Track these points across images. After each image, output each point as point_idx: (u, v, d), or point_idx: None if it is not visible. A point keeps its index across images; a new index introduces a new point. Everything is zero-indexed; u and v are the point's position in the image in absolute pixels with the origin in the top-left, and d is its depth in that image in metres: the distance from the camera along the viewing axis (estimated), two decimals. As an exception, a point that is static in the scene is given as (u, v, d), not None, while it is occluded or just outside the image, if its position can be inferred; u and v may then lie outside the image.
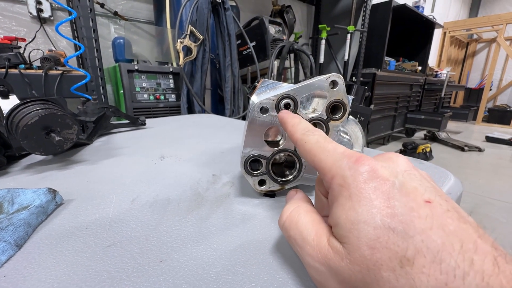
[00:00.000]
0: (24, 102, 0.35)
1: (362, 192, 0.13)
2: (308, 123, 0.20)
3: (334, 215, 0.14)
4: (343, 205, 0.13)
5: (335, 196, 0.14)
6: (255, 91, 0.27)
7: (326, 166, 0.15)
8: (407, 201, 0.12)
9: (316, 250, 0.14)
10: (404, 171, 0.14)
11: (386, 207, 0.12)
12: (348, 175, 0.14)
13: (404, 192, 0.13)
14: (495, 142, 3.11)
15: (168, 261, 0.18)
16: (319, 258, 0.14)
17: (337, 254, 0.13)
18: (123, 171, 0.35)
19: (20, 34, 1.40)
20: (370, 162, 0.14)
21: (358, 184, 0.13)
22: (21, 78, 0.95)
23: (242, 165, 0.25)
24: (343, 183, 0.14)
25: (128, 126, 0.63)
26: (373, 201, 0.13)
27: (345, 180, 0.14)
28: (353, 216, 0.13)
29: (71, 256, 0.18)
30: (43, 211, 0.23)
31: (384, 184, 0.13)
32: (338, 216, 0.13)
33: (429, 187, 0.13)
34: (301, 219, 0.16)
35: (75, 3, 1.01)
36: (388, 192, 0.13)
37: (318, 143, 0.17)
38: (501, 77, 5.13)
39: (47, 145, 0.34)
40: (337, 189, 0.14)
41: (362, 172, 0.14)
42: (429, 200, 0.12)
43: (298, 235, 0.15)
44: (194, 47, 1.25)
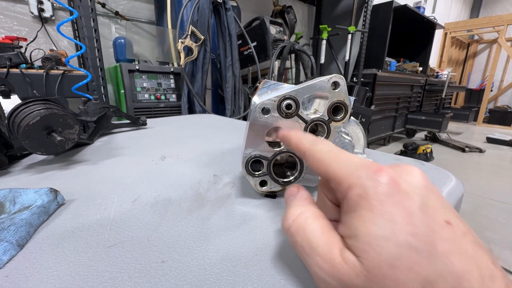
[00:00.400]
0: (26, 102, 0.35)
1: (384, 206, 0.12)
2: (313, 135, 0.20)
3: (352, 226, 0.13)
4: (363, 217, 0.13)
5: (353, 206, 0.13)
6: (256, 91, 0.27)
7: (342, 176, 0.14)
8: (429, 220, 0.12)
9: (327, 262, 0.13)
10: (424, 187, 0.13)
11: (408, 224, 0.12)
12: (368, 185, 0.13)
13: (425, 211, 0.12)
14: (496, 143, 3.10)
15: (170, 261, 0.18)
16: (329, 271, 0.13)
17: (352, 269, 0.12)
18: (124, 171, 0.35)
19: (21, 33, 1.41)
20: (390, 173, 0.13)
21: (379, 196, 0.13)
22: (22, 78, 0.95)
23: (243, 166, 0.25)
24: (363, 193, 0.13)
25: (129, 126, 0.63)
26: (395, 217, 0.12)
27: (365, 191, 0.13)
28: (374, 230, 0.12)
29: (72, 256, 0.18)
30: (44, 211, 0.23)
31: (407, 199, 0.12)
32: (357, 228, 0.13)
33: (447, 206, 0.13)
34: (309, 225, 0.15)
35: (77, 3, 1.02)
36: (410, 209, 0.12)
37: (331, 152, 0.16)
38: (502, 78, 5.12)
39: (48, 145, 0.34)
40: (355, 199, 0.13)
41: (383, 184, 0.13)
42: (449, 222, 0.12)
43: (306, 243, 0.14)
44: (195, 47, 1.25)
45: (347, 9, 2.42)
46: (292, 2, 2.60)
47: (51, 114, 0.34)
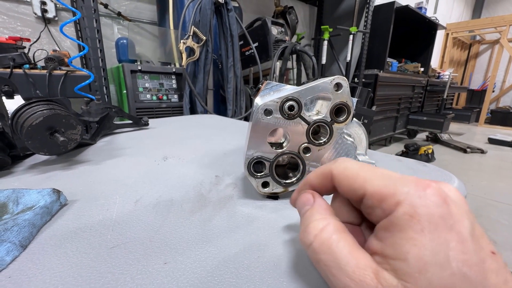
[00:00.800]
0: (29, 102, 0.35)
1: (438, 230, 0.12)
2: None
3: (400, 249, 0.12)
4: (414, 239, 0.12)
5: (400, 226, 0.12)
6: (259, 93, 0.27)
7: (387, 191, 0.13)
8: (479, 249, 0.12)
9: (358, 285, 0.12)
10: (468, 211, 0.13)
11: (462, 252, 0.11)
12: (420, 204, 0.12)
13: (475, 239, 0.12)
14: (498, 144, 3.09)
15: (172, 263, 0.18)
16: None
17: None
18: (126, 171, 0.35)
19: (24, 34, 1.41)
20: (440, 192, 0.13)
21: (432, 218, 0.12)
22: (26, 78, 0.96)
23: (245, 167, 0.25)
24: (414, 213, 0.12)
25: (131, 126, 0.63)
26: (450, 243, 0.11)
27: (416, 210, 0.12)
28: (427, 256, 0.11)
29: (75, 257, 0.18)
30: (47, 211, 0.23)
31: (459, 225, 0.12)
32: (407, 251, 0.12)
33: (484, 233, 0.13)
34: (335, 242, 0.14)
35: (79, 3, 1.02)
36: (463, 235, 0.12)
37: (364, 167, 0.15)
38: (504, 79, 5.09)
39: (51, 145, 0.35)
40: (404, 218, 0.12)
41: (436, 204, 0.12)
42: (494, 251, 0.12)
43: (333, 262, 0.13)
44: (196, 47, 1.25)
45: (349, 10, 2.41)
46: (294, 3, 2.60)
47: (54, 114, 0.34)
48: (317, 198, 0.17)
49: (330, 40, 2.16)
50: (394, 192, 0.13)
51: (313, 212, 0.16)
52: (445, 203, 0.12)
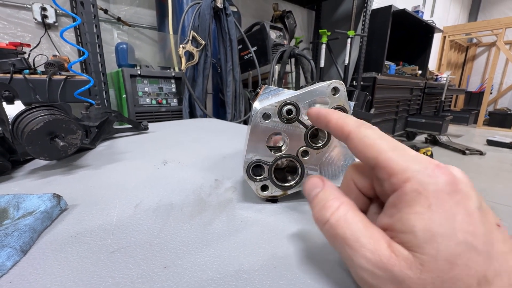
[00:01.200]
0: (30, 108, 0.36)
1: (445, 205, 0.12)
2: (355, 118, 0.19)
3: (407, 222, 0.13)
4: (421, 213, 0.13)
5: (408, 201, 0.13)
6: (257, 97, 0.27)
7: (397, 167, 0.14)
8: (486, 222, 0.12)
9: (375, 254, 0.13)
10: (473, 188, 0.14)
11: (468, 224, 0.12)
12: (428, 182, 0.13)
13: (482, 212, 0.13)
14: (496, 145, 3.10)
15: (172, 267, 0.18)
16: (377, 262, 0.13)
17: (404, 262, 0.12)
18: (126, 176, 0.35)
19: (25, 39, 1.42)
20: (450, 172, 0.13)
21: (440, 194, 0.13)
22: (26, 83, 0.96)
23: (244, 171, 0.26)
24: (422, 190, 0.13)
25: (131, 130, 0.63)
26: (456, 216, 0.12)
27: (424, 187, 0.13)
28: (433, 228, 0.12)
29: (75, 262, 0.18)
30: (48, 216, 0.23)
31: (467, 200, 0.13)
32: (413, 224, 0.13)
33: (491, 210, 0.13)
34: (351, 218, 0.15)
35: (79, 9, 1.03)
36: (470, 209, 0.12)
37: (383, 139, 0.15)
38: (501, 81, 5.13)
39: (51, 150, 0.35)
40: (412, 194, 0.13)
41: (445, 183, 0.13)
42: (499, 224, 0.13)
43: (350, 235, 0.14)
44: (196, 52, 1.26)
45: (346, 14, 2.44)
46: (292, 7, 2.63)
47: (55, 120, 0.34)
48: (326, 181, 0.18)
49: (328, 43, 2.18)
50: (405, 168, 0.14)
51: (326, 193, 0.17)
52: (453, 182, 0.13)
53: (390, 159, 0.14)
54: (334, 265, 0.18)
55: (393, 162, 0.14)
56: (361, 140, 0.16)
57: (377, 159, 0.15)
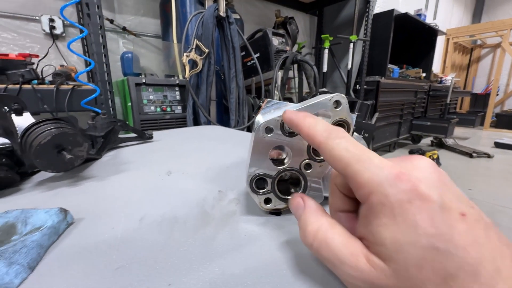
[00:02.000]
0: (38, 121, 0.37)
1: (407, 213, 0.13)
2: (325, 121, 0.19)
3: (377, 234, 0.14)
4: (387, 225, 0.13)
5: (375, 213, 0.14)
6: (260, 110, 0.27)
7: (362, 180, 0.15)
8: (447, 218, 0.13)
9: (357, 271, 0.14)
10: (437, 181, 0.14)
11: (430, 226, 0.13)
12: (390, 193, 0.14)
13: (444, 209, 0.13)
14: (505, 148, 3.04)
15: (176, 284, 0.18)
16: (360, 277, 0.14)
17: (381, 273, 0.13)
18: (131, 187, 0.36)
19: (33, 50, 1.47)
20: (411, 178, 0.14)
21: (402, 204, 0.13)
22: (34, 93, 0.99)
23: (247, 184, 0.26)
24: (386, 201, 0.14)
25: (136, 139, 0.64)
26: (419, 222, 0.13)
27: (387, 199, 0.14)
28: (400, 238, 0.13)
29: (80, 279, 0.18)
30: (55, 231, 0.24)
31: (427, 204, 0.13)
32: (383, 236, 0.14)
33: (460, 196, 0.14)
34: (330, 238, 0.16)
35: (86, 20, 1.06)
36: (431, 211, 0.13)
37: (349, 151, 0.16)
38: (508, 82, 5.06)
39: (58, 163, 0.35)
40: (377, 207, 0.14)
41: (405, 191, 0.13)
42: (463, 213, 0.13)
43: (333, 257, 0.15)
44: (199, 60, 1.28)
45: (348, 19, 2.45)
46: (294, 13, 2.65)
47: (62, 133, 0.35)
48: (307, 201, 0.19)
49: (331, 48, 2.19)
50: (369, 181, 0.14)
51: (306, 215, 0.18)
52: (413, 188, 0.13)
53: (355, 172, 0.15)
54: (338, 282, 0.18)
55: (358, 175, 0.15)
56: (329, 152, 0.16)
57: (345, 171, 0.15)
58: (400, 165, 0.15)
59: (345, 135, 0.17)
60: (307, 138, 0.19)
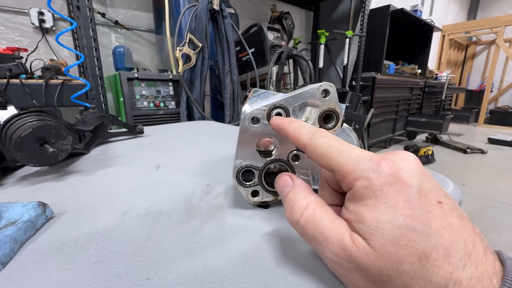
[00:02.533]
0: (19, 113, 0.35)
1: (387, 195, 0.14)
2: (308, 124, 0.21)
3: (359, 214, 0.15)
4: (369, 205, 0.14)
5: (359, 196, 0.15)
6: (246, 100, 0.26)
7: (347, 169, 0.16)
8: (425, 202, 0.14)
9: (341, 248, 0.15)
10: (418, 172, 0.15)
11: (408, 208, 0.14)
12: (373, 177, 0.15)
13: (421, 194, 0.14)
14: (498, 144, 3.08)
15: (155, 279, 0.17)
16: (343, 255, 0.15)
17: (362, 251, 0.14)
18: (117, 181, 0.35)
19: (22, 44, 1.43)
20: (391, 164, 0.15)
21: (383, 186, 0.14)
22: (22, 88, 0.96)
23: (234, 177, 0.25)
24: (369, 185, 0.15)
25: (126, 134, 0.63)
26: (397, 203, 0.14)
27: (370, 182, 0.15)
28: (379, 216, 0.14)
29: (56, 274, 0.18)
30: (31, 226, 0.23)
31: (406, 187, 0.14)
32: (364, 215, 0.15)
33: (438, 188, 0.15)
34: (318, 216, 0.16)
35: (76, 13, 1.03)
36: (409, 195, 0.14)
37: (331, 146, 0.17)
38: (502, 79, 5.11)
39: (41, 157, 0.34)
40: (361, 190, 0.15)
41: (386, 175, 0.14)
42: (440, 201, 0.14)
43: (319, 234, 0.16)
44: (193, 54, 1.26)
45: (345, 14, 2.44)
46: (290, 8, 2.63)
47: (44, 125, 0.33)
48: (296, 179, 0.19)
49: (327, 44, 2.17)
50: (353, 169, 0.15)
51: (295, 192, 0.18)
52: (394, 173, 0.14)
53: (340, 164, 0.16)
54: (325, 272, 0.17)
55: (343, 166, 0.16)
56: (314, 151, 0.18)
57: (330, 165, 0.17)
58: (384, 156, 0.16)
59: (328, 134, 0.18)
60: (293, 141, 0.20)
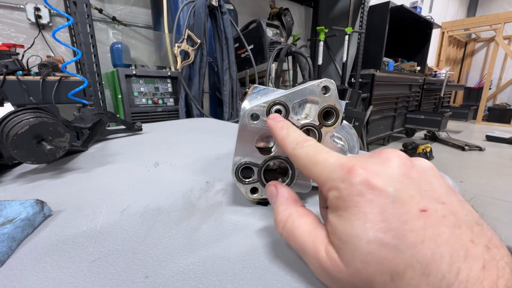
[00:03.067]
0: (16, 110, 0.35)
1: (357, 206, 0.13)
2: (297, 131, 0.20)
3: (333, 225, 0.14)
4: (341, 216, 0.14)
5: (333, 207, 0.15)
6: (246, 97, 0.26)
7: (321, 180, 0.15)
8: (402, 213, 0.12)
9: (316, 262, 0.15)
10: (401, 176, 0.13)
11: (380, 221, 0.12)
12: (342, 188, 0.14)
13: (399, 203, 0.12)
14: (496, 141, 3.09)
15: (154, 276, 0.17)
16: (320, 269, 0.15)
17: (335, 266, 0.13)
18: (116, 179, 0.34)
19: (19, 40, 1.41)
20: (363, 172, 0.14)
21: (352, 197, 0.13)
22: (19, 85, 0.95)
23: (233, 173, 0.25)
24: (339, 196, 0.14)
25: (125, 131, 0.62)
26: (368, 215, 0.13)
27: (340, 193, 0.14)
28: (348, 229, 0.13)
29: (54, 273, 0.18)
30: (29, 223, 0.22)
31: (379, 196, 0.13)
32: (336, 226, 0.14)
33: (427, 192, 0.13)
34: (297, 228, 0.16)
35: (73, 9, 1.02)
36: (382, 205, 0.13)
37: (309, 157, 0.17)
38: (500, 76, 5.12)
39: (38, 154, 0.34)
40: (334, 201, 0.14)
41: (356, 184, 0.13)
42: (424, 209, 0.12)
43: (298, 247, 0.16)
44: (191, 51, 1.25)
45: (344, 11, 2.42)
46: (289, 5, 2.60)
47: (41, 122, 0.33)
48: (279, 189, 0.20)
49: (326, 41, 2.16)
50: (326, 180, 0.15)
51: (277, 204, 0.19)
52: (365, 181, 0.13)
53: (315, 175, 0.16)
54: (323, 272, 0.17)
55: (318, 176, 0.16)
56: (296, 161, 0.18)
57: (310, 176, 0.17)
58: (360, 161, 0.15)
59: (311, 143, 0.18)
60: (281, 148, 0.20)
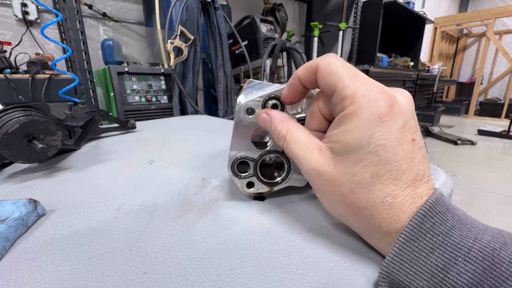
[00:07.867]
0: (5, 109, 0.34)
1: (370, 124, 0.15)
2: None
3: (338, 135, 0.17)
4: (349, 130, 0.16)
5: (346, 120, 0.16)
6: (241, 91, 0.26)
7: (349, 92, 0.16)
8: (401, 137, 0.15)
9: (309, 163, 0.18)
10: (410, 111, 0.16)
11: (383, 139, 0.15)
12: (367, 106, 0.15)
13: (402, 131, 0.16)
14: (487, 135, 3.16)
15: (151, 273, 0.17)
16: (310, 168, 0.18)
17: (326, 162, 0.17)
18: (110, 177, 0.34)
19: (5, 37, 1.37)
20: (391, 96, 0.16)
21: (371, 116, 0.15)
22: (7, 83, 0.93)
23: (229, 168, 0.25)
24: (359, 112, 0.16)
25: (118, 130, 0.61)
26: (375, 133, 0.15)
27: (361, 110, 0.16)
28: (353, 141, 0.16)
29: (50, 271, 0.17)
30: (22, 223, 0.22)
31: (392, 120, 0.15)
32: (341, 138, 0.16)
33: (417, 127, 0.17)
34: (295, 139, 0.20)
35: (61, 5, 0.99)
36: (390, 128, 0.15)
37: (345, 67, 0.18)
38: (492, 71, 5.20)
39: (30, 153, 0.33)
40: (350, 115, 0.16)
41: (381, 106, 0.15)
42: (414, 139, 0.16)
43: (296, 151, 0.19)
44: (185, 47, 1.24)
45: (338, 6, 2.42)
46: (283, 0, 2.59)
47: (31, 121, 0.32)
48: (272, 113, 0.22)
49: (320, 36, 2.16)
50: (354, 93, 0.16)
51: (275, 125, 0.21)
52: (390, 104, 0.15)
53: (345, 86, 0.16)
54: (321, 264, 0.18)
55: (347, 88, 0.16)
56: (326, 68, 0.18)
57: (336, 85, 0.17)
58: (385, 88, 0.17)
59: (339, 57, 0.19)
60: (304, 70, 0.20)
